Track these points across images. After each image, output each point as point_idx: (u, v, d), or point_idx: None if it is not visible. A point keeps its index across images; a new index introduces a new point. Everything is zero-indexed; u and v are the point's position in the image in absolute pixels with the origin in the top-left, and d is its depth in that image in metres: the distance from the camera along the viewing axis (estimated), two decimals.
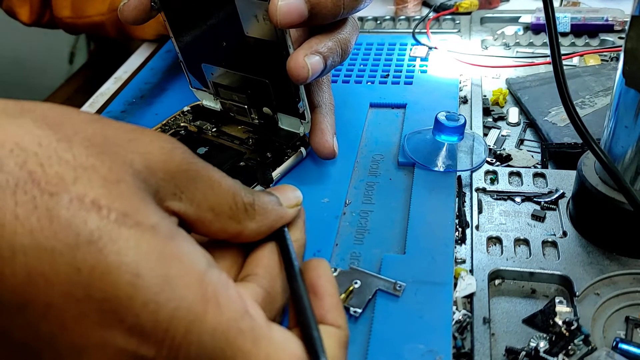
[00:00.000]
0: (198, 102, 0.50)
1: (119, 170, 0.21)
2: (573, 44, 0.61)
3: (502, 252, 0.36)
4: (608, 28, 0.61)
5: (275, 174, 0.41)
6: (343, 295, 0.32)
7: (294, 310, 0.26)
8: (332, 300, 0.27)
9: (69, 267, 0.19)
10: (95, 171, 0.20)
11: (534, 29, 0.64)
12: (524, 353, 0.29)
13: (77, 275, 0.19)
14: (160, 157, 0.23)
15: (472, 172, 0.42)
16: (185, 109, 0.50)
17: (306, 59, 0.35)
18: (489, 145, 0.46)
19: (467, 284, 0.33)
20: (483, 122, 0.49)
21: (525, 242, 0.36)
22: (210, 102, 0.49)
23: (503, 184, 0.41)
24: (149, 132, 0.24)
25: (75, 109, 0.23)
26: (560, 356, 0.29)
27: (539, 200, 0.39)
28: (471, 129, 0.48)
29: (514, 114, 0.50)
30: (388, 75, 0.56)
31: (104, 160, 0.21)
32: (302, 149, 0.43)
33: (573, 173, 0.39)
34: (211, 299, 0.21)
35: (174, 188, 0.24)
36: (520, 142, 0.47)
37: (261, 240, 0.29)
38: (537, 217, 0.38)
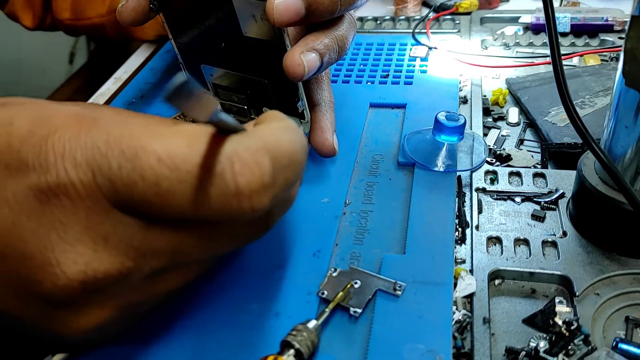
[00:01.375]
0: None
1: None
2: (573, 44, 0.61)
3: (502, 252, 0.36)
4: (608, 28, 0.61)
5: None
6: (341, 294, 0.32)
7: None
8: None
9: None
10: None
11: (534, 29, 0.64)
12: (523, 353, 0.29)
13: None
14: None
15: (472, 172, 0.42)
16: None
17: (302, 56, 0.35)
18: (489, 145, 0.46)
19: (467, 284, 0.33)
20: (483, 122, 0.49)
21: (525, 242, 0.36)
22: None
23: (503, 184, 0.41)
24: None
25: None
26: (560, 356, 0.29)
27: (539, 200, 0.39)
28: (471, 129, 0.48)
29: (513, 114, 0.50)
30: (388, 75, 0.56)
31: None
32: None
33: (573, 173, 0.39)
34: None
35: None
36: (520, 142, 0.47)
37: None
38: (537, 217, 0.38)
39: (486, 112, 0.51)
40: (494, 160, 0.44)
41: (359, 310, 0.31)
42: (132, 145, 0.23)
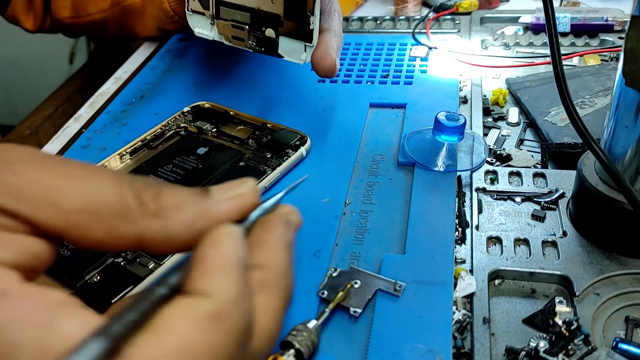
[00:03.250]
0: (198, 103, 0.51)
1: None
2: (573, 44, 0.61)
3: (502, 252, 0.36)
4: (608, 28, 0.61)
5: (275, 174, 0.41)
6: (340, 294, 0.32)
7: None
8: (207, 264, 0.20)
9: None
10: None
11: (534, 29, 0.64)
12: (523, 353, 0.29)
13: None
14: None
15: (472, 172, 0.42)
16: (185, 109, 0.50)
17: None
18: (489, 145, 0.46)
19: (467, 284, 0.33)
20: (483, 122, 0.49)
21: (525, 242, 0.36)
22: (204, 29, 0.47)
23: (503, 184, 0.41)
24: None
25: None
26: (560, 356, 0.29)
27: (539, 200, 0.39)
28: (471, 129, 0.48)
29: (514, 114, 0.50)
30: (388, 75, 0.56)
31: None
32: (303, 149, 0.43)
33: (573, 173, 0.39)
34: None
35: None
36: (520, 142, 0.47)
37: None
38: (537, 217, 0.38)
39: (486, 112, 0.51)
40: (494, 160, 0.44)
41: (359, 310, 0.31)
42: None
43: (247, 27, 0.43)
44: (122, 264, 0.35)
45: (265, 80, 0.56)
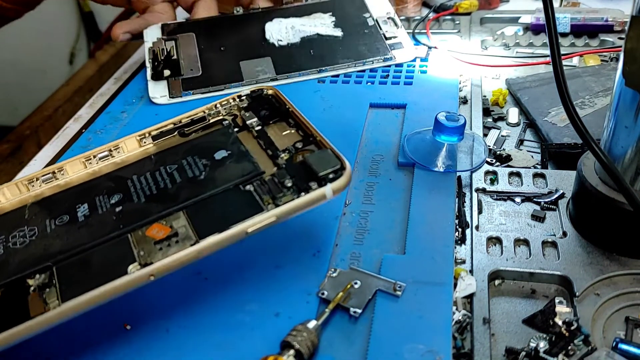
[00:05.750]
0: (262, 87, 0.42)
1: None
2: (573, 45, 0.61)
3: (502, 253, 0.36)
4: (608, 28, 0.61)
5: (268, 217, 0.30)
6: (341, 294, 0.32)
7: None
8: None
9: None
10: None
11: (534, 29, 0.64)
12: (524, 353, 0.29)
13: None
14: None
15: (472, 172, 0.42)
16: (244, 92, 0.41)
17: None
18: (489, 146, 0.46)
19: (467, 284, 0.33)
20: (483, 122, 0.49)
21: (525, 242, 0.36)
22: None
23: (503, 184, 0.41)
24: None
25: None
26: (560, 356, 0.29)
27: (538, 200, 0.39)
28: (471, 129, 0.48)
29: (513, 115, 0.50)
30: (388, 75, 0.56)
31: None
32: (328, 188, 0.31)
33: (573, 173, 0.39)
34: None
35: None
36: (520, 142, 0.47)
37: None
38: (537, 218, 0.38)
39: (486, 112, 0.51)
40: (494, 160, 0.44)
41: (359, 311, 0.31)
42: None
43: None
44: (31, 289, 0.30)
45: None
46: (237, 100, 0.41)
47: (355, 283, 0.33)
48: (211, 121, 0.41)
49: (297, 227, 0.38)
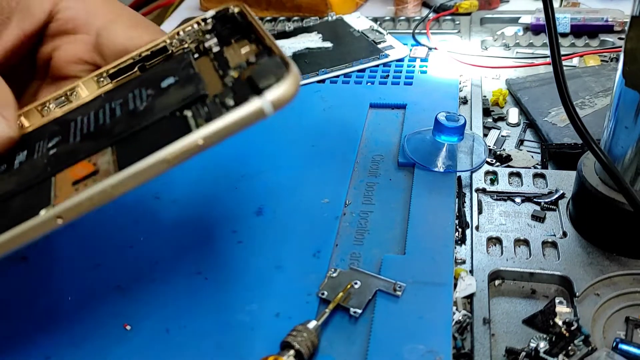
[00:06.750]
0: (227, 7, 0.34)
1: None
2: (573, 45, 0.61)
3: (502, 253, 0.36)
4: (608, 29, 0.61)
5: (192, 141, 0.24)
6: (341, 294, 0.32)
7: None
8: None
9: None
10: None
11: (534, 29, 0.64)
12: (524, 354, 0.29)
13: None
14: None
15: (472, 172, 0.42)
16: (209, 14, 0.34)
17: None
18: (489, 146, 0.46)
19: (467, 285, 0.33)
20: (483, 122, 0.49)
21: (525, 242, 0.36)
22: None
23: (503, 185, 0.41)
24: None
25: None
26: (560, 357, 0.29)
27: (539, 200, 0.39)
28: (471, 129, 0.48)
29: (513, 115, 0.50)
30: (388, 75, 0.56)
31: None
32: (263, 100, 0.24)
33: (573, 173, 0.39)
34: None
35: None
36: (520, 142, 0.47)
37: None
38: (537, 218, 0.38)
39: (486, 112, 0.51)
40: (494, 160, 0.44)
41: (359, 311, 0.31)
42: None
43: None
44: None
45: None
46: (203, 24, 0.34)
47: (355, 283, 0.33)
48: (175, 53, 0.34)
49: (297, 228, 0.38)
